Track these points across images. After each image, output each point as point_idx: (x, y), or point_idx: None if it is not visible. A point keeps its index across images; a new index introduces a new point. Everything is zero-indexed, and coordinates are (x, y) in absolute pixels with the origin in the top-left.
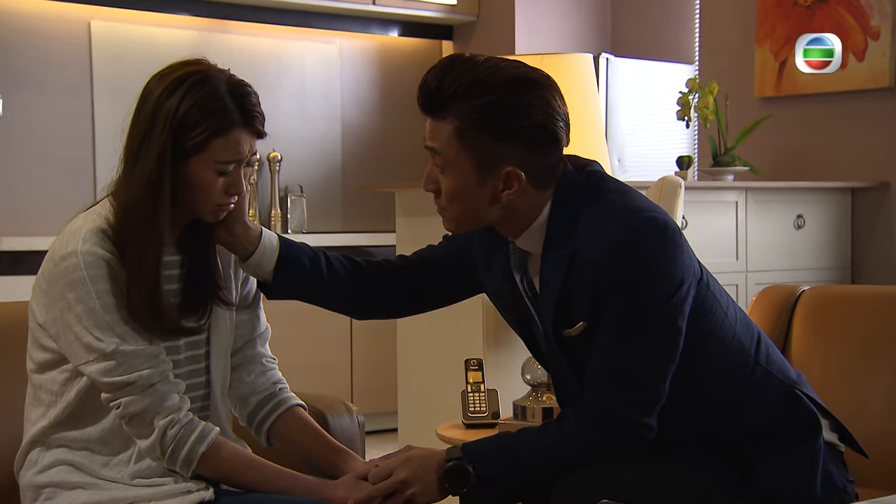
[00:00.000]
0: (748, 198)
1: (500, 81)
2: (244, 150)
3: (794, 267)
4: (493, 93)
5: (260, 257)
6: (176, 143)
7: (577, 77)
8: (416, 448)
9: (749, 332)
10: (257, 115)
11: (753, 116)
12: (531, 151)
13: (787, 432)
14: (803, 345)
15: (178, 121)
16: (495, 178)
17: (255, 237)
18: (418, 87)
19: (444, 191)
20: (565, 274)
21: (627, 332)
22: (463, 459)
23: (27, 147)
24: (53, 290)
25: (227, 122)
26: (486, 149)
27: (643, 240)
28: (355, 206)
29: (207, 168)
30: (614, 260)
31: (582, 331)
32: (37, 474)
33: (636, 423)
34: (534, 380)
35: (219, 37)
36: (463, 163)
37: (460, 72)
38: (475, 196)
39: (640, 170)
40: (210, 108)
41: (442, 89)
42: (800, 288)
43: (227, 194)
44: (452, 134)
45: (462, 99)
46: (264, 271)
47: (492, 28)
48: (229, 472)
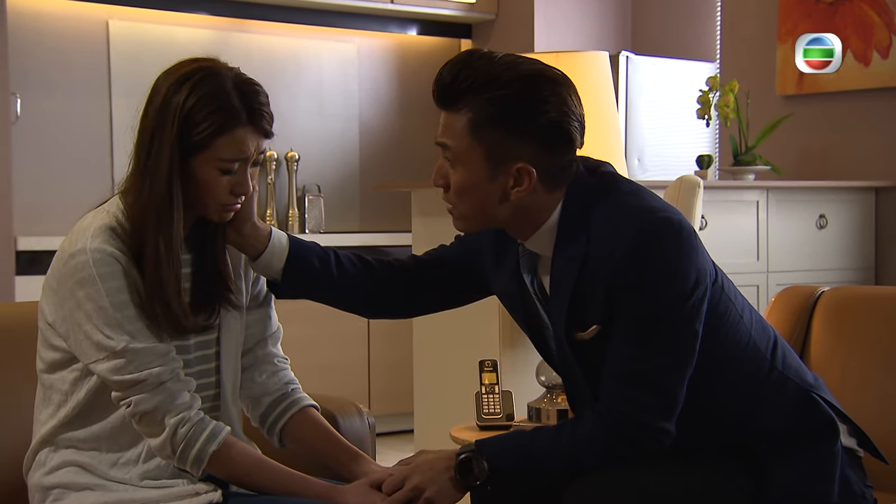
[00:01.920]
0: (769, 197)
1: (517, 76)
2: (249, 149)
3: (817, 268)
4: (509, 87)
5: (269, 257)
6: (181, 139)
7: (593, 75)
8: (429, 452)
9: (765, 335)
10: (264, 114)
11: (775, 115)
12: (544, 149)
13: (803, 437)
14: (823, 347)
15: (184, 116)
16: (505, 174)
17: (264, 237)
18: (434, 80)
19: (454, 186)
20: (577, 276)
21: (642, 335)
22: (476, 452)
23: (44, 147)
24: (63, 288)
25: (231, 120)
26: (498, 143)
27: (657, 240)
28: (373, 205)
29: (211, 166)
30: (628, 261)
31: (595, 334)
32: (45, 475)
33: (654, 427)
34: (549, 381)
35: (237, 36)
36: (474, 157)
37: (477, 66)
38: (484, 192)
39: (661, 169)
40: (215, 105)
41: (457, 82)
42: (819, 289)
43: (233, 194)
44: (465, 126)
45: (477, 92)
46: (274, 270)
47: (511, 26)
48: (239, 472)
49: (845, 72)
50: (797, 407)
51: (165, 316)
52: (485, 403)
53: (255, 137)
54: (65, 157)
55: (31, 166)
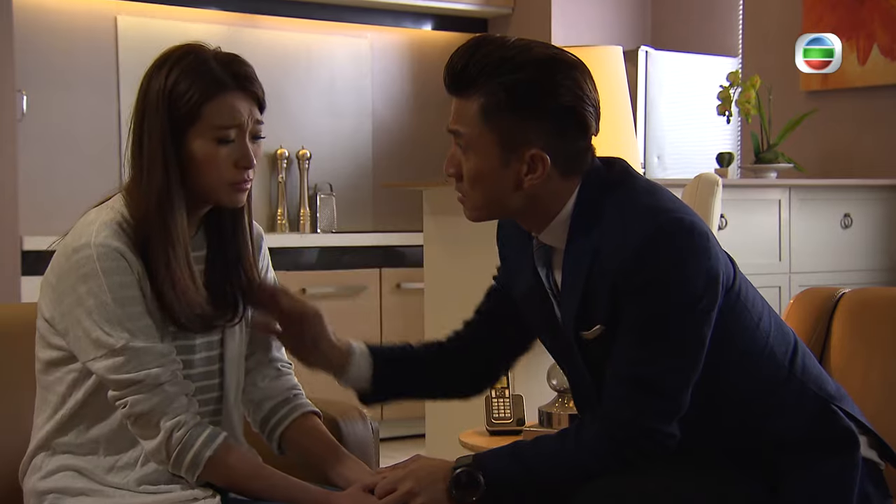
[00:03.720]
0: (792, 196)
1: (530, 60)
2: (241, 115)
3: (841, 268)
4: (522, 71)
5: (357, 370)
6: (171, 119)
7: (606, 70)
8: (424, 458)
9: (784, 342)
10: (252, 80)
11: (798, 111)
12: (558, 134)
13: (819, 448)
14: (843, 351)
15: (167, 92)
16: (519, 161)
17: (345, 351)
18: (445, 66)
19: (466, 174)
20: (588, 269)
21: (646, 337)
22: (472, 466)
23: (51, 145)
24: (63, 283)
25: (216, 85)
26: (511, 128)
27: (667, 240)
28: (386, 204)
29: (207, 138)
30: (635, 261)
31: (599, 334)
32: (41, 480)
33: (656, 430)
34: (560, 385)
35: (247, 31)
36: (486, 143)
37: (488, 51)
38: (498, 179)
39: (681, 167)
40: (197, 74)
41: (469, 67)
42: (840, 290)
43: (237, 167)
44: (477, 112)
45: (489, 77)
46: (363, 380)
47: (527, 21)
48: (236, 478)
49: (872, 66)
50: (814, 417)
51: (181, 305)
52: (495, 408)
53: (245, 104)
54: (72, 156)
55: (37, 164)
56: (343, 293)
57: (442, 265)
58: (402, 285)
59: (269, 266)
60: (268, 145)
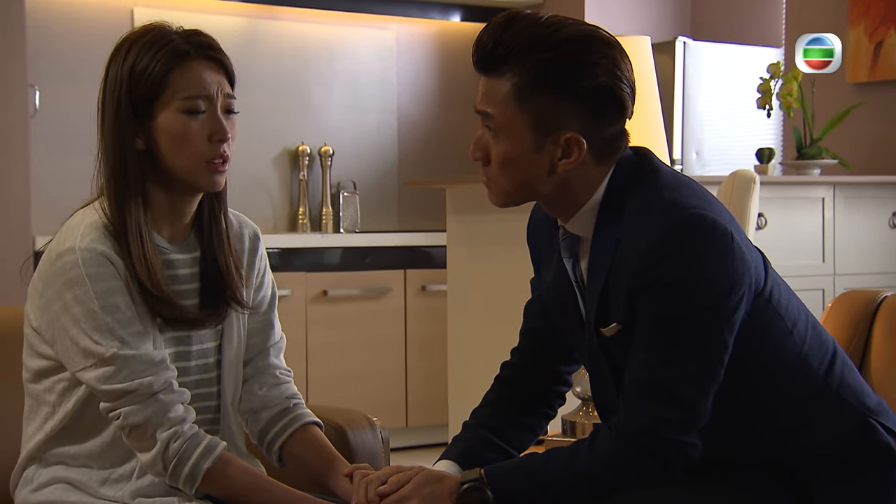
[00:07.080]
0: (837, 194)
1: (564, 38)
2: (208, 84)
3: (888, 270)
4: (556, 49)
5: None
6: (135, 100)
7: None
8: (428, 470)
9: (821, 351)
10: (215, 48)
11: (844, 104)
12: (594, 116)
13: (854, 463)
14: (884, 358)
15: (129, 71)
16: (553, 144)
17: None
18: (474, 44)
19: (495, 158)
20: (611, 262)
21: (663, 340)
22: (481, 481)
23: (65, 141)
24: (49, 290)
25: (178, 55)
26: (546, 110)
27: (683, 238)
28: (412, 203)
29: (174, 110)
30: (652, 258)
31: (617, 332)
32: (32, 492)
33: (675, 441)
34: (583, 393)
35: (268, 24)
36: (519, 126)
37: (519, 28)
38: (529, 164)
39: (721, 163)
40: (158, 46)
41: (500, 45)
42: (881, 293)
43: (211, 142)
44: (509, 93)
45: (521, 55)
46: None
47: (559, 11)
48: (236, 490)
49: None
50: (851, 431)
51: (162, 303)
52: None
53: (212, 73)
54: (86, 153)
55: (50, 161)
56: (366, 295)
57: (465, 266)
58: (428, 287)
59: (267, 268)
60: (289, 141)
